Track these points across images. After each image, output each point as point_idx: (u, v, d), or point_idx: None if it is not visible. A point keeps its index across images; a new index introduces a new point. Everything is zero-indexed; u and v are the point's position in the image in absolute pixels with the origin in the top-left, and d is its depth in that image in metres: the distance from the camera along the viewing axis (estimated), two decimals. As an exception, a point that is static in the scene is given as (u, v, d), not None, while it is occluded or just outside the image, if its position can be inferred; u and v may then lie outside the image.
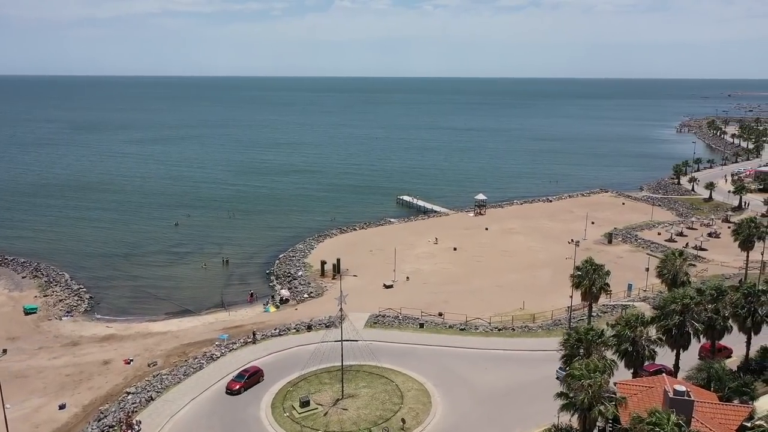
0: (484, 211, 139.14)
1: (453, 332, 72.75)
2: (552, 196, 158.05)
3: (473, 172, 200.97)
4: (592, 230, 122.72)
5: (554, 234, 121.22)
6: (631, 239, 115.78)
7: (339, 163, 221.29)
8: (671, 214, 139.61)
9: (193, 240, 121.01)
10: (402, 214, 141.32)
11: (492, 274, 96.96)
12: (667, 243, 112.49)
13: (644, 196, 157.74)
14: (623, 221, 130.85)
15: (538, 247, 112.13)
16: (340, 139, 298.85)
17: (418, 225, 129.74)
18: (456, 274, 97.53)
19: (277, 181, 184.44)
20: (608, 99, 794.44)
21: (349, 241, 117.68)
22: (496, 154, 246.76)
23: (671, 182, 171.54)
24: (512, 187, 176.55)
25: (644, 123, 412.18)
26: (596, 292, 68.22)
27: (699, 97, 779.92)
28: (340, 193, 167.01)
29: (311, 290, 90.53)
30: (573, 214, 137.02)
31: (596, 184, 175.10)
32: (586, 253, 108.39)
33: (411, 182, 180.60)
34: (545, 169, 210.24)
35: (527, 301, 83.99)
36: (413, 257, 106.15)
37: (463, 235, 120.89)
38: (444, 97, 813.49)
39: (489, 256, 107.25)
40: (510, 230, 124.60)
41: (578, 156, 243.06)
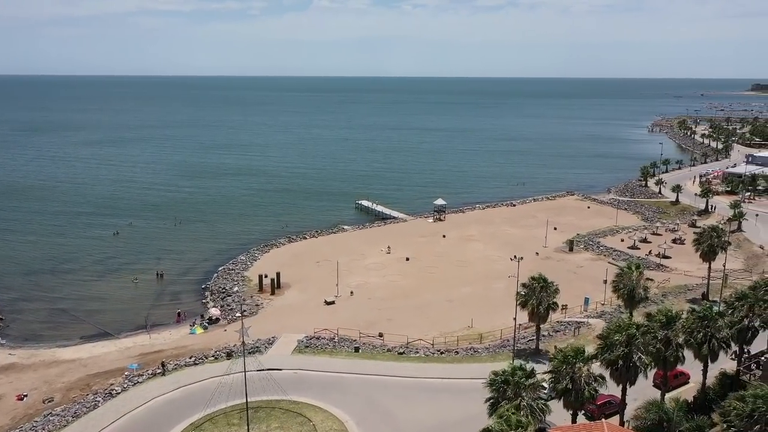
0: (444, 216, 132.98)
1: (390, 357, 66.10)
2: (516, 199, 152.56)
3: (438, 175, 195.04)
4: (554, 236, 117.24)
5: (514, 241, 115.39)
6: (593, 246, 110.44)
7: (301, 165, 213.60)
8: (637, 218, 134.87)
9: (130, 251, 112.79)
10: (359, 221, 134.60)
11: (443, 287, 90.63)
12: (630, 250, 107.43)
13: (611, 199, 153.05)
14: (587, 226, 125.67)
15: (496, 256, 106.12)
16: (306, 141, 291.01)
17: (373, 232, 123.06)
18: (405, 288, 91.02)
19: (232, 186, 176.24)
20: (583, 98, 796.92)
21: (297, 250, 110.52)
22: (465, 156, 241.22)
23: (639, 184, 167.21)
24: (477, 190, 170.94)
25: (617, 122, 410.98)
26: (544, 312, 62.11)
27: (672, 97, 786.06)
28: (297, 197, 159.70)
29: (246, 308, 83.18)
30: (536, 219, 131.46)
31: (563, 187, 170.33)
32: (545, 262, 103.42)
33: (372, 186, 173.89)
34: (513, 170, 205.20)
35: (478, 317, 77.84)
36: (362, 269, 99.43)
37: (418, 243, 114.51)
38: (420, 97, 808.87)
39: (443, 266, 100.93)
40: (468, 237, 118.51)
41: (548, 157, 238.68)
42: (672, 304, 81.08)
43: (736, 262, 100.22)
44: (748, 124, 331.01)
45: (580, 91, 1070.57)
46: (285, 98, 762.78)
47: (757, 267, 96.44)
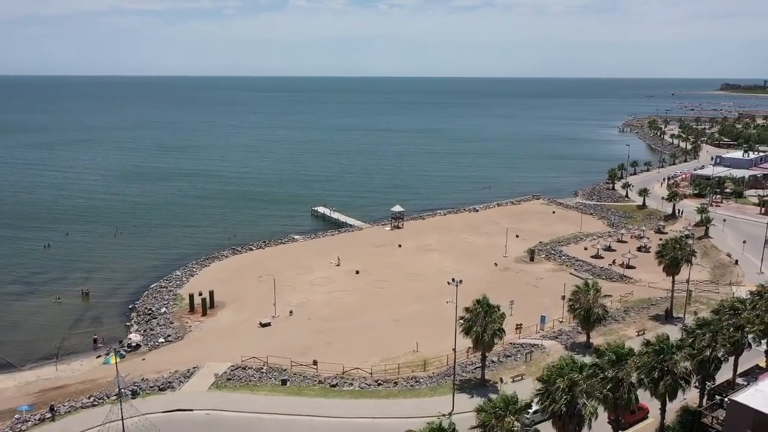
0: (402, 224, 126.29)
1: (319, 392, 58.97)
2: (480, 204, 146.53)
3: (402, 178, 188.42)
4: (515, 245, 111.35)
5: (473, 251, 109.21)
6: (555, 256, 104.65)
7: (260, 169, 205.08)
8: (602, 223, 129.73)
9: (58, 266, 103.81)
10: (314, 229, 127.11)
11: (391, 304, 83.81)
12: (594, 260, 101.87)
13: (577, 203, 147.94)
14: (550, 233, 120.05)
15: (452, 268, 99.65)
16: (271, 143, 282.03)
17: (326, 243, 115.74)
18: (350, 306, 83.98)
19: (183, 191, 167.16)
20: (557, 98, 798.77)
21: (240, 264, 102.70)
22: (432, 158, 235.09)
23: (606, 187, 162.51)
24: (441, 194, 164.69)
25: (589, 122, 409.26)
26: (489, 340, 55.57)
27: (644, 96, 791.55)
28: (251, 204, 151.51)
29: (170, 333, 75.40)
30: (498, 226, 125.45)
31: (530, 190, 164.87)
32: (504, 274, 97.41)
33: (332, 191, 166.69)
34: (480, 173, 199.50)
35: (425, 339, 71.09)
36: (307, 284, 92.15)
37: (372, 254, 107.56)
38: (395, 98, 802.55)
39: (394, 280, 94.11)
40: (425, 247, 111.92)
41: (516, 158, 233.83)
42: (633, 321, 75.71)
43: (703, 272, 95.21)
44: (717, 124, 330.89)
45: (555, 90, 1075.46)
46: (257, 99, 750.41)
47: (724, 277, 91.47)
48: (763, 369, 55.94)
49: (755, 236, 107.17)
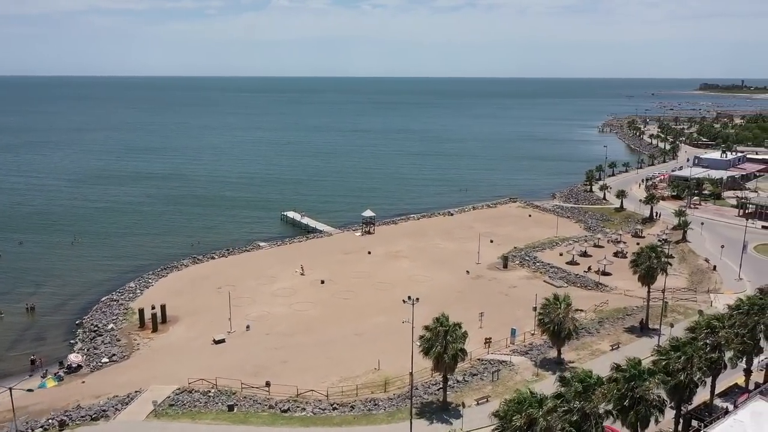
0: (373, 229, 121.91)
1: (267, 418, 54.36)
2: (455, 208, 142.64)
3: (377, 181, 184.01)
4: (489, 251, 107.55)
5: (445, 257, 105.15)
6: (529, 262, 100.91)
7: (231, 171, 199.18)
8: (579, 227, 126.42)
9: (6, 279, 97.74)
10: (281, 235, 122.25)
11: (356, 317, 79.38)
12: (569, 266, 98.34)
13: (554, 206, 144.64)
14: (526, 238, 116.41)
15: (422, 276, 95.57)
16: (245, 144, 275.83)
17: (292, 250, 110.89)
18: (312, 319, 79.38)
19: (149, 195, 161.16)
20: (538, 98, 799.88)
21: (200, 274, 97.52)
22: (410, 159, 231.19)
23: (583, 189, 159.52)
24: (416, 197, 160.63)
25: (569, 122, 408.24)
26: (450, 361, 51.34)
27: (624, 96, 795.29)
28: (219, 208, 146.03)
29: (115, 351, 70.25)
30: (472, 231, 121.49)
31: (506, 192, 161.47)
32: (476, 282, 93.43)
33: (304, 194, 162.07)
34: (458, 175, 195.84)
35: (388, 356, 66.60)
36: (268, 296, 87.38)
37: (340, 261, 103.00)
38: (376, 98, 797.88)
39: (361, 290, 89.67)
40: (396, 254, 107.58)
41: (495, 160, 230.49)
42: (608, 333, 72.04)
43: (680, 279, 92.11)
44: (695, 124, 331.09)
45: (537, 91, 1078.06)
46: (237, 99, 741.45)
47: (702, 284, 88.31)
48: (742, 389, 52.43)
49: (733, 240, 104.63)
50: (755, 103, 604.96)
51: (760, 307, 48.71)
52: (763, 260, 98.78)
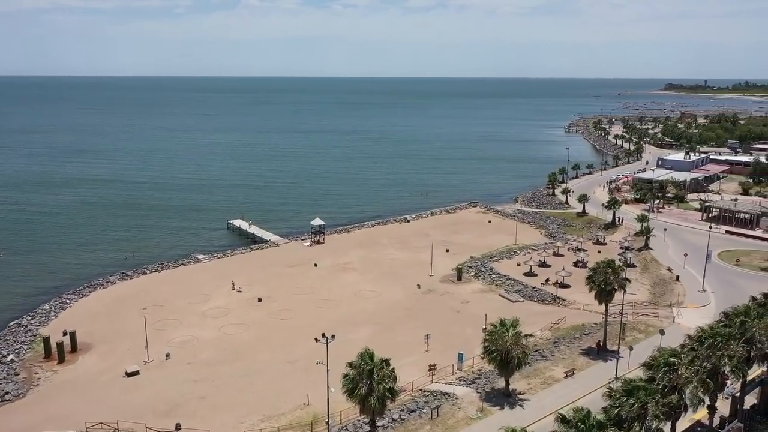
0: (323, 238, 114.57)
1: (167, 474, 46.72)
2: (412, 214, 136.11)
3: (335, 185, 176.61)
4: (444, 261, 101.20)
5: (397, 269, 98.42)
6: (485, 274, 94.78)
7: (181, 176, 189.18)
8: (540, 233, 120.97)
9: None
10: (224, 246, 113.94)
11: (291, 341, 71.94)
12: (526, 278, 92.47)
13: (515, 211, 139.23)
14: (484, 246, 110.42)
15: (370, 290, 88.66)
16: (202, 146, 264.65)
17: (233, 263, 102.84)
18: (242, 344, 71.74)
19: (83, 202, 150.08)
20: (507, 98, 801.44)
21: (126, 292, 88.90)
22: (372, 161, 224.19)
23: (546, 193, 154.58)
24: (375, 201, 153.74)
25: (536, 122, 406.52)
26: (376, 405, 44.39)
27: (592, 96, 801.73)
28: (161, 216, 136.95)
29: (10, 389, 61.59)
30: (429, 239, 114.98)
31: (468, 196, 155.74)
32: (426, 297, 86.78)
33: (256, 200, 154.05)
34: (419, 178, 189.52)
35: (320, 388, 58.67)
36: (198, 317, 79.41)
37: (283, 275, 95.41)
38: (346, 98, 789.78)
39: (301, 308, 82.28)
40: (345, 266, 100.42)
41: (458, 161, 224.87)
42: (563, 356, 66.01)
43: (642, 291, 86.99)
44: (660, 124, 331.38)
45: (507, 91, 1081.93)
46: (202, 99, 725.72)
47: (664, 297, 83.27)
48: (705, 426, 46.76)
49: (697, 246, 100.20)
50: (718, 103, 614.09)
51: (724, 338, 42.90)
52: (727, 269, 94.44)
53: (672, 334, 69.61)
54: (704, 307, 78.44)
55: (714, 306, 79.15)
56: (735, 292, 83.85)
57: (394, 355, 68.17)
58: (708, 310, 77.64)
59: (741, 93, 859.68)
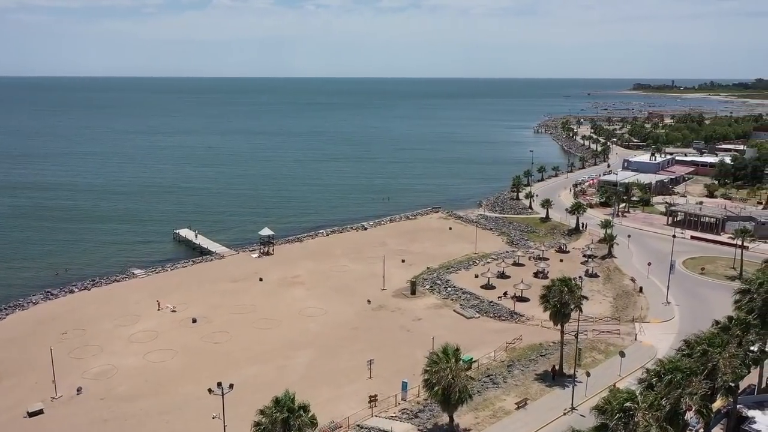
0: (273, 249, 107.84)
1: None
2: (371, 220, 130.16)
3: (294, 190, 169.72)
4: (399, 273, 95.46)
5: (348, 282, 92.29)
6: (440, 287, 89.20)
7: (133, 181, 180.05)
8: (502, 240, 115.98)
9: None
10: (163, 260, 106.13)
11: (222, 369, 65.15)
12: (483, 291, 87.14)
13: (478, 216, 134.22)
14: (442, 256, 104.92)
15: (316, 308, 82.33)
16: (160, 150, 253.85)
17: (171, 278, 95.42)
18: (167, 373, 64.82)
19: (18, 212, 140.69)
20: (479, 98, 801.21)
21: (48, 314, 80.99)
22: (333, 165, 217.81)
23: (510, 197, 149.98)
24: (334, 207, 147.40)
25: (505, 123, 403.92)
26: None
27: (562, 96, 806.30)
28: (103, 226, 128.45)
29: None
30: (385, 248, 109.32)
31: (431, 201, 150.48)
32: (375, 314, 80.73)
33: (207, 207, 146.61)
34: (383, 181, 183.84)
35: (244, 427, 52.88)
36: (123, 342, 72.13)
37: (224, 292, 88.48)
38: (315, 99, 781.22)
39: (238, 329, 75.58)
40: (293, 280, 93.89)
41: (424, 164, 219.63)
42: (516, 383, 60.54)
43: (604, 304, 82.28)
44: (627, 124, 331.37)
45: (479, 91, 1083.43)
46: (168, 100, 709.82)
47: (627, 310, 78.61)
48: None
49: (662, 253, 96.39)
50: (684, 103, 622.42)
51: (685, 374, 37.73)
52: (693, 278, 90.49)
53: (633, 354, 65.13)
54: (668, 322, 74.05)
55: (678, 320, 74.90)
56: (699, 304, 79.92)
57: (335, 383, 62.73)
58: (672, 325, 73.25)
59: (707, 93, 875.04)
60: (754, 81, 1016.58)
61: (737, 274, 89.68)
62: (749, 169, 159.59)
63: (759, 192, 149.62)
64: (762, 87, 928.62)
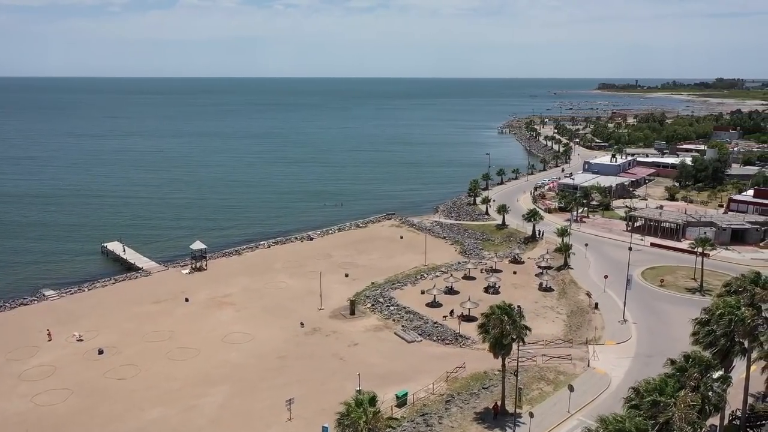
0: (206, 264, 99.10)
1: None
2: (318, 230, 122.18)
3: (241, 196, 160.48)
4: (340, 289, 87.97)
5: (282, 302, 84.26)
6: (382, 305, 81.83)
7: (66, 188, 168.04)
8: (455, 250, 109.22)
9: None
10: (91, 276, 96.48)
11: (121, 412, 56.69)
12: (428, 310, 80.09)
13: (433, 223, 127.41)
14: (390, 268, 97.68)
15: (242, 333, 74.11)
16: (106, 154, 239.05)
17: (85, 300, 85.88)
18: (55, 421, 55.89)
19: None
20: (445, 98, 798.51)
21: (-67, 347, 71.10)
22: (288, 168, 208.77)
23: (467, 202, 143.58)
24: (282, 215, 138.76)
25: (470, 123, 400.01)
26: None
27: (528, 96, 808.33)
28: (20, 242, 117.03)
29: None
30: (329, 261, 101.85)
31: (386, 206, 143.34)
32: (309, 339, 72.89)
33: (144, 217, 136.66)
34: (338, 186, 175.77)
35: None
36: (12, 380, 62.92)
37: (142, 316, 79.56)
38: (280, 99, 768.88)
39: (150, 361, 66.94)
40: (222, 300, 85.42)
41: (383, 167, 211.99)
42: (451, 425, 53.38)
43: (557, 323, 75.89)
44: (591, 124, 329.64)
45: (446, 90, 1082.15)
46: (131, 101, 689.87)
47: (581, 330, 72.30)
48: None
49: (620, 262, 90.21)
50: (648, 102, 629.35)
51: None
52: (651, 290, 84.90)
53: (585, 384, 58.75)
54: (624, 344, 67.95)
55: (635, 341, 68.87)
56: (658, 321, 74.26)
57: (248, 427, 54.72)
58: (628, 348, 67.17)
59: (670, 92, 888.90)
60: (715, 80, 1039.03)
61: (698, 285, 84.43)
62: (710, 170, 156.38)
63: (720, 194, 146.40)
64: (722, 86, 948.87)
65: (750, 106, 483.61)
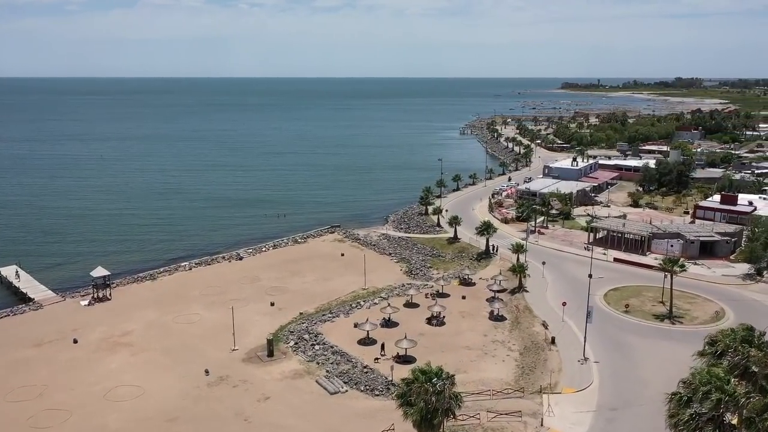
0: (110, 293, 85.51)
1: None
2: (250, 248, 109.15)
3: (170, 209, 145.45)
4: (263, 322, 75.86)
5: (189, 341, 71.43)
6: (307, 344, 69.70)
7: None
8: (400, 269, 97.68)
9: None
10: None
11: None
12: (360, 348, 68.33)
13: (381, 236, 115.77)
14: (325, 293, 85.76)
15: (132, 386, 61.06)
16: (29, 161, 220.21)
17: (-47, 344, 71.73)
18: None
19: None
20: (409, 98, 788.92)
21: None
22: (233, 175, 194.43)
23: (419, 212, 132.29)
24: (215, 229, 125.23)
25: (432, 124, 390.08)
26: None
27: (492, 96, 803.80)
28: None
29: None
30: (256, 286, 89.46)
31: (332, 217, 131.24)
32: (212, 391, 59.92)
33: (55, 234, 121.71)
34: (284, 194, 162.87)
35: None
36: None
37: (16, 363, 65.93)
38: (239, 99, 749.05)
39: (4, 430, 53.56)
40: (119, 339, 72.09)
41: (333, 172, 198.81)
42: None
43: (508, 363, 64.70)
44: (553, 124, 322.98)
45: (411, 90, 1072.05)
46: (82, 103, 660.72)
47: (534, 373, 61.38)
48: None
49: (582, 283, 79.59)
50: (610, 101, 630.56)
51: None
52: (615, 318, 74.76)
53: (536, 456, 47.58)
54: (584, 392, 57.36)
55: (597, 387, 58.31)
56: (623, 359, 63.98)
57: None
58: (589, 397, 56.60)
59: (631, 91, 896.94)
60: (674, 79, 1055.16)
61: (666, 311, 74.73)
62: (674, 174, 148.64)
63: (685, 198, 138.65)
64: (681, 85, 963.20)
65: (709, 105, 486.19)
